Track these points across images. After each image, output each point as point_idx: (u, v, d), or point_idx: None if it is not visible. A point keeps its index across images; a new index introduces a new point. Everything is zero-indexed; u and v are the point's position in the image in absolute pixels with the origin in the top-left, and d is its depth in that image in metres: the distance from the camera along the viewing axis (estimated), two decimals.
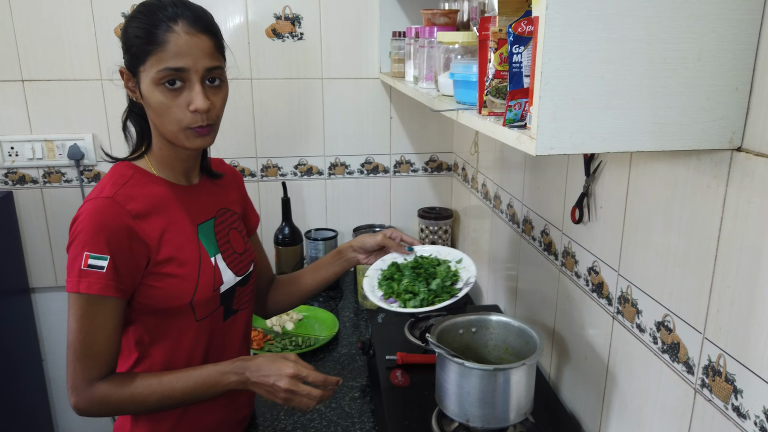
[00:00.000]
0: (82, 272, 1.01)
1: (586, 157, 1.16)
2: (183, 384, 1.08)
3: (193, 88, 1.03)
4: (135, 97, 1.09)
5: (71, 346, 1.04)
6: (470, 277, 1.26)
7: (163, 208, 1.10)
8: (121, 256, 1.03)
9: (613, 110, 0.72)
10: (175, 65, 1.01)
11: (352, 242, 1.37)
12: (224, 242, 1.19)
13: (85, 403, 1.05)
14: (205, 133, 1.08)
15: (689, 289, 0.89)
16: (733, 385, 0.81)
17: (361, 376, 1.55)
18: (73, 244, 1.03)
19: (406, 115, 2.19)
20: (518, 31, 0.81)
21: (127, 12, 1.94)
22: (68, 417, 2.30)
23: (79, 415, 1.07)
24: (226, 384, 1.09)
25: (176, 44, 1.01)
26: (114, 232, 1.02)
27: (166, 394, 1.07)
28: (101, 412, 1.06)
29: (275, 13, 2.02)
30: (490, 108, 0.92)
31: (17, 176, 2.04)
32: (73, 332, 1.04)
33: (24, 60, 1.94)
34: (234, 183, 1.32)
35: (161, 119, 1.05)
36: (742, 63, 0.73)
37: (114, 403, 1.06)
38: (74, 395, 1.05)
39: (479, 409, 1.10)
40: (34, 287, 2.15)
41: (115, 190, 1.05)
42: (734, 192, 0.79)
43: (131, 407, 1.09)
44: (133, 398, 1.06)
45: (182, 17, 1.02)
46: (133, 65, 1.05)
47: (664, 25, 0.70)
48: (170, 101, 1.03)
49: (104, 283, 1.01)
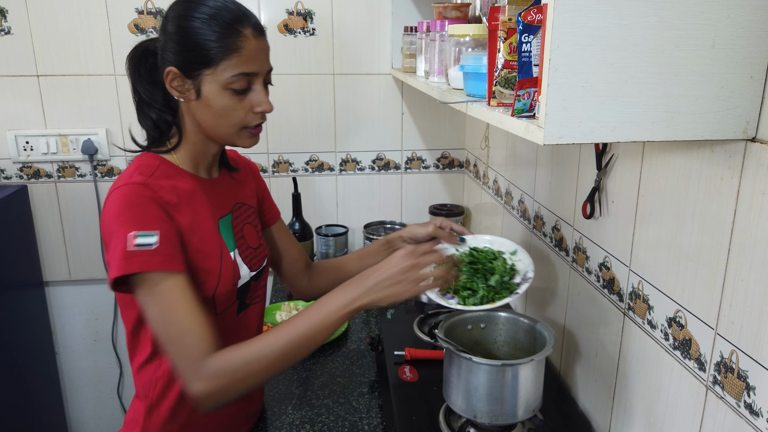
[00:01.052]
0: (131, 253, 0.95)
1: (598, 150, 1.15)
2: (306, 323, 0.99)
3: (259, 91, 1.07)
4: (183, 97, 1.06)
5: (162, 336, 0.97)
6: (528, 272, 1.20)
7: (188, 201, 1.08)
8: (168, 230, 0.99)
9: (624, 98, 0.70)
10: (249, 70, 1.03)
11: (402, 232, 1.34)
12: (239, 237, 1.19)
13: (206, 382, 0.94)
14: (260, 131, 1.12)
15: (701, 284, 0.88)
16: (746, 381, 0.79)
17: (370, 371, 1.54)
18: (114, 232, 0.97)
19: (418, 111, 2.19)
20: (527, 19, 0.79)
21: (140, 8, 1.96)
22: (81, 410, 2.32)
23: (207, 405, 0.95)
24: (346, 304, 1.00)
25: (249, 49, 1.03)
26: (154, 209, 1.00)
27: (291, 338, 0.98)
28: (227, 387, 0.95)
29: (287, 8, 2.02)
30: (499, 99, 0.91)
31: (32, 170, 2.06)
32: (155, 321, 0.97)
33: (39, 55, 1.96)
34: (250, 176, 1.32)
35: (220, 120, 1.06)
36: (757, 50, 0.71)
37: (236, 370, 0.95)
38: (193, 382, 0.94)
39: (487, 405, 1.09)
40: (47, 281, 2.17)
41: (144, 178, 1.03)
42: (748, 184, 0.77)
43: (257, 367, 0.96)
44: (256, 356, 0.96)
45: (249, 22, 1.04)
46: (195, 67, 1.02)
47: (677, 11, 0.68)
48: (236, 104, 1.05)
49: (159, 258, 0.96)
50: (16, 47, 1.94)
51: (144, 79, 1.10)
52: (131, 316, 1.10)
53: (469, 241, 1.32)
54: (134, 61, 1.10)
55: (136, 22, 1.97)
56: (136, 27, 1.98)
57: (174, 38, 1.03)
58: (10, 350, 1.94)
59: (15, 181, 2.06)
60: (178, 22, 1.03)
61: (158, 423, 1.14)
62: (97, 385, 2.31)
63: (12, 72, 1.96)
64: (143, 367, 1.13)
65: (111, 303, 2.21)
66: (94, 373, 2.30)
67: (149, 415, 1.14)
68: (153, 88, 1.09)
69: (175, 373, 0.97)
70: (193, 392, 0.94)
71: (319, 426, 1.32)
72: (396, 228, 2.20)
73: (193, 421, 1.16)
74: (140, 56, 1.10)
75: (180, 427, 1.15)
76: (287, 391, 1.45)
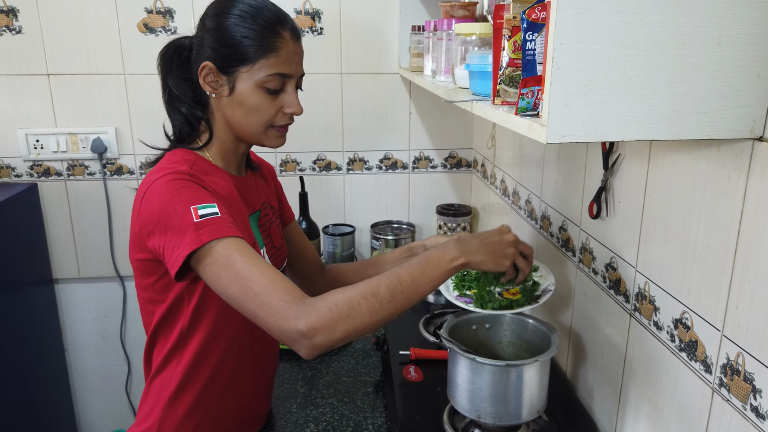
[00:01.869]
0: (198, 224, 0.93)
1: (605, 150, 1.14)
2: (408, 269, 0.97)
3: (291, 93, 1.09)
4: (216, 93, 1.07)
5: (247, 293, 0.91)
6: (549, 285, 1.20)
7: (225, 195, 1.08)
8: (222, 204, 0.99)
9: (628, 97, 0.70)
10: (284, 71, 1.06)
11: (425, 241, 1.33)
12: (266, 236, 1.19)
13: (314, 317, 0.88)
14: (286, 132, 1.14)
15: (708, 285, 0.87)
16: (752, 384, 0.78)
17: (375, 371, 1.54)
18: (173, 213, 0.94)
19: (426, 110, 2.18)
20: (532, 17, 0.79)
21: (149, 7, 1.97)
22: (89, 407, 2.34)
23: (316, 341, 0.89)
24: (450, 260, 0.99)
25: (287, 51, 1.05)
26: (203, 190, 1.00)
27: (394, 281, 0.95)
28: (334, 323, 0.89)
29: (296, 8, 2.03)
30: (503, 97, 0.90)
31: (42, 169, 2.07)
32: (234, 282, 0.92)
33: (49, 54, 1.97)
34: (269, 176, 1.33)
35: (251, 118, 1.07)
36: (764, 48, 0.70)
37: (342, 307, 0.90)
38: (298, 320, 0.88)
39: (491, 405, 1.08)
40: (57, 278, 2.18)
41: (188, 168, 1.03)
42: (755, 184, 0.76)
43: (364, 307, 0.91)
44: (361, 296, 0.92)
45: (288, 25, 1.06)
46: (232, 64, 1.04)
47: (682, 8, 0.67)
48: (268, 103, 1.07)
49: (226, 223, 0.95)
50: (27, 46, 1.96)
51: (175, 75, 1.11)
52: (158, 311, 1.08)
53: None
54: (167, 57, 1.11)
55: (146, 21, 1.98)
56: (146, 26, 1.99)
57: (213, 34, 1.05)
58: (19, 347, 1.96)
59: (25, 179, 2.08)
60: (218, 19, 1.05)
61: (174, 421, 1.12)
62: (106, 382, 2.32)
63: (23, 71, 1.98)
64: (163, 363, 1.11)
65: (120, 301, 2.23)
66: (103, 370, 2.31)
67: (166, 413, 1.11)
68: (183, 84, 1.11)
69: (272, 323, 0.91)
70: (300, 329, 0.88)
71: (323, 425, 1.32)
72: (403, 228, 2.19)
73: (208, 421, 1.15)
74: (173, 52, 1.11)
75: (195, 426, 1.13)
76: (292, 390, 1.45)
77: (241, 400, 1.18)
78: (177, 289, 1.06)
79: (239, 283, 0.92)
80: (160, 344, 1.11)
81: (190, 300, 1.07)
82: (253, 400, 1.23)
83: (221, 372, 1.13)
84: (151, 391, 1.14)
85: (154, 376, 1.13)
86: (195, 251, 0.93)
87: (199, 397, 1.12)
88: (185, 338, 1.09)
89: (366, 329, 0.92)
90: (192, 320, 1.08)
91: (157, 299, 1.08)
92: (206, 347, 1.10)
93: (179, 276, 0.96)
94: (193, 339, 1.09)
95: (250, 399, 1.21)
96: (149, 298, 1.09)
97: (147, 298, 1.10)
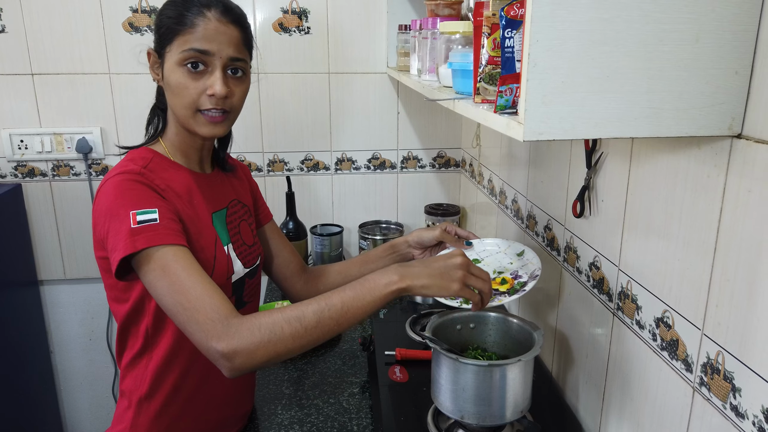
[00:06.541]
0: (135, 230, 0.93)
1: (588, 148, 1.13)
2: (340, 294, 0.94)
3: (214, 74, 1.04)
4: (157, 79, 1.10)
5: (177, 306, 0.91)
6: (535, 270, 1.18)
7: (182, 192, 1.09)
8: (166, 208, 0.99)
9: (606, 94, 0.69)
10: (200, 47, 1.02)
11: (408, 237, 1.32)
12: (235, 233, 1.19)
13: (235, 339, 0.88)
14: (218, 120, 1.06)
15: (689, 283, 0.86)
16: (732, 383, 0.77)
17: (362, 372, 1.53)
18: (114, 217, 0.96)
19: (414, 110, 2.17)
20: (510, 14, 0.78)
21: (135, 6, 1.95)
22: (76, 409, 2.32)
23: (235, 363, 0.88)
24: (386, 284, 0.95)
25: (205, 28, 1.03)
26: (150, 192, 1.00)
27: (323, 305, 0.92)
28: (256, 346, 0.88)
29: (282, 7, 2.02)
30: (483, 95, 0.89)
31: (26, 169, 2.05)
32: (167, 293, 0.92)
33: (34, 54, 1.95)
34: (243, 176, 1.32)
35: (177, 99, 1.05)
36: (743, 45, 0.70)
37: (265, 330, 0.89)
38: (220, 341, 0.88)
39: (474, 406, 1.07)
40: (42, 279, 2.16)
41: (139, 168, 1.04)
42: (734, 181, 0.76)
43: (287, 331, 0.90)
44: (286, 320, 0.90)
45: (215, 5, 1.04)
46: (160, 46, 1.06)
47: (660, 5, 0.67)
48: (189, 82, 1.04)
49: (164, 231, 0.95)
50: (11, 45, 1.94)
51: None
52: (122, 310, 1.09)
53: (476, 245, 1.31)
54: None
55: (131, 20, 1.97)
56: (131, 25, 1.97)
57: (154, 21, 1.09)
58: (5, 349, 1.94)
59: (9, 179, 2.06)
60: (160, 7, 1.08)
61: (146, 421, 1.12)
62: (93, 384, 2.30)
63: (7, 70, 1.96)
64: (133, 363, 1.12)
65: (106, 302, 2.20)
66: (90, 371, 2.29)
67: (138, 413, 1.12)
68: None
69: (197, 340, 0.91)
70: (219, 350, 0.88)
71: (308, 426, 1.31)
72: (391, 228, 2.18)
73: (181, 422, 1.15)
74: None
75: (168, 426, 1.14)
76: (277, 391, 1.44)
77: (218, 399, 1.17)
78: (139, 287, 1.05)
79: (171, 295, 0.92)
80: (130, 344, 1.11)
81: (152, 298, 1.05)
82: (232, 398, 1.22)
83: (193, 371, 1.12)
84: (124, 392, 1.13)
85: (125, 376, 1.13)
86: (132, 256, 0.94)
87: (170, 397, 1.11)
88: (152, 337, 1.09)
89: (289, 353, 0.92)
90: (156, 319, 1.07)
91: (122, 297, 1.08)
92: (175, 346, 1.09)
93: (120, 276, 0.98)
94: (162, 338, 1.09)
95: (227, 398, 1.20)
96: (114, 297, 1.09)
97: (113, 297, 1.10)
